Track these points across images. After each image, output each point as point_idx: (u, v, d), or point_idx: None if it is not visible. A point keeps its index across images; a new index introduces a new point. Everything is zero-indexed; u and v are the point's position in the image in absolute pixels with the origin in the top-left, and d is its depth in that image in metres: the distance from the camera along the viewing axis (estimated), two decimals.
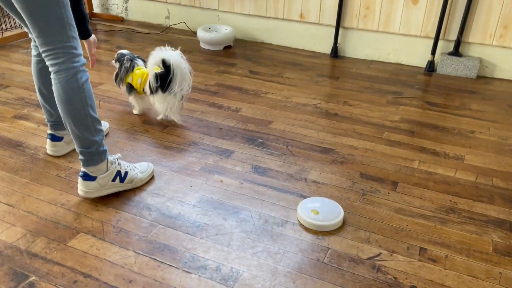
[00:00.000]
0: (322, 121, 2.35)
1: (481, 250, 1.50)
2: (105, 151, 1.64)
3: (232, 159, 1.98)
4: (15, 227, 1.55)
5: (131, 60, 2.30)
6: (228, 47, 3.47)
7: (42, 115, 2.32)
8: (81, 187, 1.65)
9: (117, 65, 2.34)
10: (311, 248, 1.49)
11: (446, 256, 1.47)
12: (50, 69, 1.51)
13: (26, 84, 2.68)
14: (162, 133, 2.20)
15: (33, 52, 1.76)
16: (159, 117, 2.30)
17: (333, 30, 3.29)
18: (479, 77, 2.99)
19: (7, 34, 3.39)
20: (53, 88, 1.52)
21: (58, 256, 1.43)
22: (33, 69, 1.77)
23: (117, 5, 4.05)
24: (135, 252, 1.46)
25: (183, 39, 3.64)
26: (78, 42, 1.53)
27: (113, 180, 1.68)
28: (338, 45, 3.32)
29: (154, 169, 1.87)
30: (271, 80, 2.88)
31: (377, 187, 1.82)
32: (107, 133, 2.15)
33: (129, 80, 2.28)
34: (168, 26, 3.90)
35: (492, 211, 1.69)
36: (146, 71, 2.24)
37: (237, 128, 2.25)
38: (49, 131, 1.90)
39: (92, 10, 4.03)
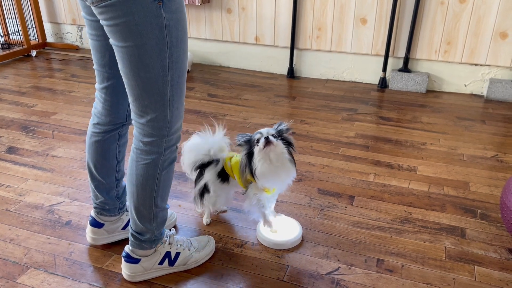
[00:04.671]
0: None
1: (435, 257, 1.54)
2: (158, 239, 1.40)
3: (191, 183, 1.96)
4: None
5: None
6: None
7: None
8: (124, 269, 1.41)
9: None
10: (270, 267, 1.49)
11: (402, 265, 1.50)
12: (133, 140, 1.26)
13: None
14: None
15: (92, 120, 1.42)
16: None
17: (288, 51, 3.37)
18: (429, 91, 3.12)
19: None
20: (129, 162, 1.28)
21: None
22: (87, 139, 1.44)
23: (71, 33, 4.00)
24: (89, 284, 1.41)
25: None
26: (175, 119, 1.24)
27: (161, 262, 1.42)
28: (294, 66, 3.40)
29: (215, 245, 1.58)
30: (229, 102, 2.90)
31: (334, 202, 1.84)
32: (175, 226, 1.71)
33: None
34: None
35: (444, 218, 1.74)
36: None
37: None
38: (91, 213, 1.55)
39: (46, 39, 3.96)
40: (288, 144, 1.46)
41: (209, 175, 1.59)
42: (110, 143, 1.42)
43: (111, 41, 1.14)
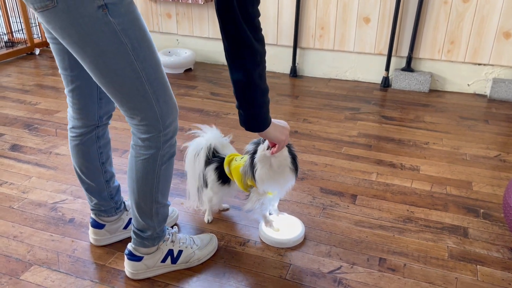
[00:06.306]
0: None
1: (437, 256, 1.53)
2: (160, 237, 1.41)
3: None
4: None
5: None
6: (188, 70, 3.48)
7: None
8: (126, 266, 1.42)
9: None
10: (273, 265, 1.49)
11: (405, 264, 1.50)
12: (132, 138, 1.27)
13: None
14: (121, 157, 2.16)
15: (69, 125, 1.43)
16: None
17: (291, 50, 3.37)
18: (431, 91, 3.12)
19: None
20: (128, 159, 1.30)
21: None
22: (69, 144, 1.45)
23: None
24: (92, 281, 1.41)
25: None
26: (167, 113, 1.23)
27: (163, 260, 1.43)
28: (296, 65, 3.40)
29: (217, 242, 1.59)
30: (232, 101, 2.90)
31: (337, 201, 1.84)
32: (175, 224, 1.72)
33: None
34: None
35: (447, 218, 1.74)
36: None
37: None
38: (91, 215, 1.57)
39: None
40: (292, 156, 1.46)
41: (209, 173, 1.60)
42: (89, 145, 1.43)
43: (76, 56, 1.14)
